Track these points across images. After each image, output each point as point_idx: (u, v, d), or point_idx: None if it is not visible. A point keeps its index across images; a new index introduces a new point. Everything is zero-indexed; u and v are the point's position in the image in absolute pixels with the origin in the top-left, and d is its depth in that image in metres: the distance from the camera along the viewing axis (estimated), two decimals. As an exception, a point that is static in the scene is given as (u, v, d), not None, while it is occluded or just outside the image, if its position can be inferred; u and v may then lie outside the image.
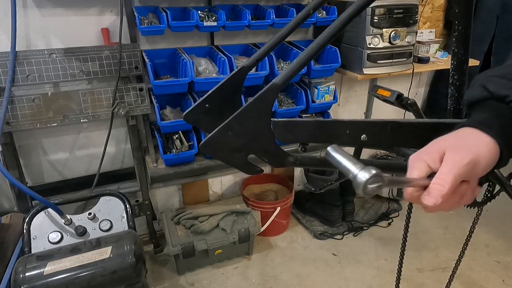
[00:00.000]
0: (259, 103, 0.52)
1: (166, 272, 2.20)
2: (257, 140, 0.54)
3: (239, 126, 0.52)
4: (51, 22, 1.75)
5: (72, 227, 1.61)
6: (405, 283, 2.13)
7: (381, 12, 2.00)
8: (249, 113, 0.52)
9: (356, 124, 0.57)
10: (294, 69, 0.53)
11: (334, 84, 2.20)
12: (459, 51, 0.69)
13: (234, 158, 0.56)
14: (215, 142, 0.53)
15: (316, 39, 0.53)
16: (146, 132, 2.05)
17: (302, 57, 0.53)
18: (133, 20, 1.79)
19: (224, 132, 0.52)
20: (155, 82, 1.74)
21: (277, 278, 2.17)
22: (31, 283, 1.33)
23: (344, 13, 0.53)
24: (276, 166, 0.59)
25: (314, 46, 0.53)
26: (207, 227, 2.13)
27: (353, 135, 0.57)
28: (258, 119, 0.53)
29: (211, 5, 1.98)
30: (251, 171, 0.60)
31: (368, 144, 0.59)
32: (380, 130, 0.59)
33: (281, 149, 0.56)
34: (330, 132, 0.57)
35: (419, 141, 0.59)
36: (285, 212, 2.46)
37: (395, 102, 0.97)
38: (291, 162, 0.58)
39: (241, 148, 0.54)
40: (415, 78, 2.87)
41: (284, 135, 0.56)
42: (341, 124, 0.57)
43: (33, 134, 1.93)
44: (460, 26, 0.66)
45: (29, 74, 1.66)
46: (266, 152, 0.56)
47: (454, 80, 0.73)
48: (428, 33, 2.67)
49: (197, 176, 2.25)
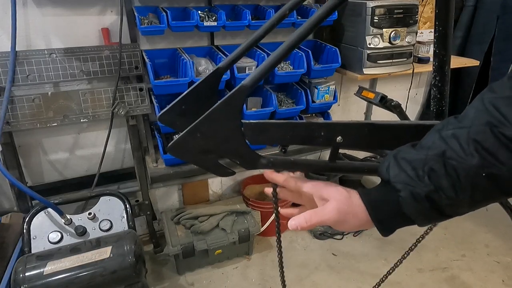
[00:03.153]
0: (228, 104, 0.51)
1: (166, 272, 2.20)
2: (226, 142, 0.53)
3: (208, 128, 0.51)
4: (51, 22, 1.75)
5: (72, 227, 1.61)
6: (405, 283, 2.13)
7: (381, 12, 2.00)
8: (218, 114, 0.51)
9: (331, 126, 0.57)
10: (264, 70, 0.52)
11: (334, 84, 2.20)
12: (440, 52, 0.68)
13: (204, 161, 0.55)
14: (183, 144, 0.52)
15: (286, 39, 0.53)
16: (146, 132, 2.05)
17: (271, 58, 0.52)
18: (133, 20, 1.79)
19: (192, 134, 0.51)
20: (155, 82, 1.74)
21: (277, 278, 2.16)
22: (31, 283, 1.33)
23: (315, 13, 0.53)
24: (248, 168, 0.57)
25: (284, 47, 0.52)
26: (207, 227, 2.13)
27: (328, 136, 0.56)
28: (227, 120, 0.52)
29: (211, 5, 1.98)
30: (222, 173, 0.59)
31: (344, 146, 0.58)
32: (357, 132, 0.58)
33: (253, 151, 0.55)
34: (304, 134, 0.56)
35: (397, 143, 0.58)
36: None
37: (379, 104, 0.97)
38: (263, 164, 0.57)
39: (211, 150, 0.53)
40: (415, 78, 2.87)
41: (256, 137, 0.54)
42: (315, 126, 0.56)
43: (33, 134, 1.93)
44: (440, 27, 0.66)
45: (29, 74, 1.66)
46: (237, 154, 0.55)
47: (436, 81, 0.72)
48: (428, 33, 2.67)
49: (197, 176, 2.24)
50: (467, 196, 0.50)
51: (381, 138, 0.59)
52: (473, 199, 0.50)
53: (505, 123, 0.47)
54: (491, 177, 0.48)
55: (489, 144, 0.47)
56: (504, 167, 0.47)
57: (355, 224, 0.57)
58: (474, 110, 0.51)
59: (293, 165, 0.61)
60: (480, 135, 0.48)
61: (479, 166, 0.48)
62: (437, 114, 0.74)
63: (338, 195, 0.58)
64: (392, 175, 0.54)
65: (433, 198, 0.51)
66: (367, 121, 0.59)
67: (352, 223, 0.57)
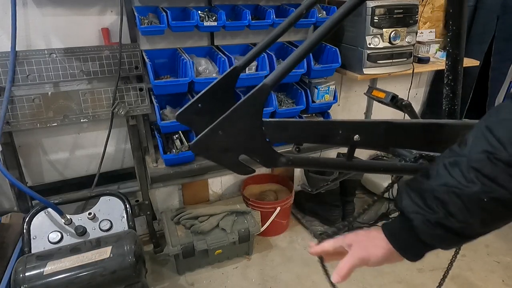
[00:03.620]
0: (250, 103, 0.51)
1: (166, 272, 2.20)
2: (248, 140, 0.53)
3: (229, 126, 0.51)
4: (51, 22, 1.75)
5: (72, 227, 1.61)
6: (405, 283, 2.13)
7: (381, 12, 1.99)
8: (240, 113, 0.51)
9: (348, 125, 0.57)
10: (285, 69, 0.52)
11: (334, 84, 2.20)
12: (454, 51, 0.69)
13: (225, 158, 0.55)
14: (205, 142, 0.52)
15: (307, 39, 0.53)
16: (146, 132, 2.05)
17: (293, 57, 0.53)
18: (133, 20, 1.79)
19: (214, 132, 0.51)
20: (155, 82, 1.74)
21: (277, 278, 2.17)
22: (31, 283, 1.33)
23: (336, 13, 0.53)
24: (268, 166, 0.58)
25: (305, 47, 0.53)
26: (207, 227, 2.13)
27: (345, 135, 0.57)
28: (249, 119, 0.52)
29: (211, 5, 1.98)
30: (243, 171, 0.60)
31: (361, 145, 0.59)
32: (373, 131, 0.58)
33: (273, 149, 0.56)
34: (322, 133, 0.56)
35: (412, 141, 0.58)
36: (285, 212, 2.46)
37: (389, 104, 0.97)
38: (283, 162, 0.57)
39: (232, 148, 0.53)
40: (415, 78, 2.87)
41: (276, 135, 0.55)
42: (333, 124, 0.56)
43: (33, 134, 1.93)
44: (454, 26, 0.66)
45: (29, 74, 1.66)
46: (257, 152, 0.55)
47: (449, 80, 0.72)
48: (428, 33, 2.67)
49: (197, 176, 2.25)
50: (477, 220, 0.53)
51: (396, 137, 0.60)
52: (484, 222, 0.53)
53: (500, 149, 0.49)
54: (495, 200, 0.50)
55: (487, 171, 0.50)
56: (506, 191, 0.49)
57: (381, 254, 0.63)
58: (472, 138, 0.54)
59: (311, 163, 0.62)
60: (478, 163, 0.51)
61: (481, 192, 0.50)
62: (449, 113, 0.74)
63: (355, 236, 0.66)
64: (404, 205, 0.59)
65: (444, 224, 0.54)
66: (383, 119, 0.59)
67: (377, 254, 0.63)
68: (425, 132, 0.60)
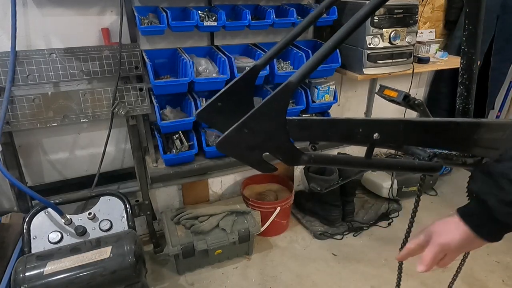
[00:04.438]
0: (275, 101, 0.52)
1: (166, 272, 2.20)
2: (272, 138, 0.53)
3: (254, 125, 0.51)
4: (51, 22, 1.75)
5: (72, 227, 1.61)
6: (405, 283, 2.13)
7: (381, 12, 2.00)
8: (265, 111, 0.51)
9: (368, 123, 0.57)
10: (310, 68, 0.53)
11: (334, 84, 2.20)
12: (469, 50, 0.69)
13: (249, 156, 0.55)
14: (231, 140, 0.52)
15: (332, 36, 0.53)
16: (146, 132, 2.05)
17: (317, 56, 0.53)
18: (133, 20, 1.79)
19: (240, 131, 0.51)
20: (155, 82, 1.74)
21: (277, 278, 2.17)
22: (31, 283, 1.33)
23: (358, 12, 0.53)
24: (291, 164, 0.58)
25: (330, 45, 0.53)
26: (207, 227, 2.13)
27: (365, 133, 0.57)
28: (274, 117, 0.52)
29: (211, 5, 1.98)
30: (266, 169, 0.60)
31: (380, 143, 0.59)
32: (392, 129, 0.58)
33: (296, 147, 0.56)
34: (343, 131, 0.56)
35: (429, 139, 0.59)
36: (285, 212, 2.46)
37: (402, 103, 0.97)
38: (305, 160, 0.57)
39: (257, 146, 0.53)
40: (415, 78, 2.87)
41: (299, 134, 0.55)
42: (354, 122, 0.56)
43: (33, 134, 1.93)
44: (470, 25, 0.66)
45: (29, 74, 1.66)
46: (281, 150, 0.55)
47: (463, 79, 0.73)
48: (428, 33, 2.67)
49: (197, 176, 2.25)
50: None
51: (414, 135, 0.60)
52: None
53: None
54: None
55: None
56: None
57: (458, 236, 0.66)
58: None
59: (332, 161, 0.62)
60: None
61: None
62: (463, 111, 0.75)
63: (433, 226, 0.70)
64: (478, 188, 0.63)
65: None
66: (401, 118, 0.59)
67: (455, 237, 0.66)
68: (442, 130, 0.60)
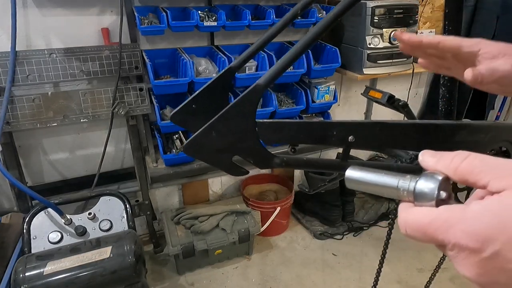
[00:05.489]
0: (243, 103, 0.51)
1: (166, 272, 2.20)
2: (241, 141, 0.53)
3: (223, 127, 0.51)
4: (51, 22, 1.75)
5: (72, 227, 1.61)
6: (405, 283, 2.14)
7: (381, 12, 2.00)
8: (233, 113, 0.51)
9: (343, 125, 0.57)
10: (279, 70, 0.52)
11: (334, 84, 2.20)
12: None
13: (218, 160, 0.55)
14: (198, 143, 0.52)
15: (301, 39, 0.53)
16: (146, 132, 2.05)
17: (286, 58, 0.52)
18: (133, 20, 1.79)
19: (207, 133, 0.51)
20: (155, 82, 1.74)
21: (277, 278, 2.17)
22: (31, 283, 1.33)
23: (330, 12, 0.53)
24: (262, 167, 0.58)
25: (298, 47, 0.52)
26: (207, 227, 2.13)
27: (340, 136, 0.56)
28: (243, 119, 0.52)
29: (211, 5, 1.98)
30: (236, 172, 0.59)
31: (356, 145, 0.59)
32: (369, 131, 0.58)
33: (266, 150, 0.56)
34: (317, 134, 0.56)
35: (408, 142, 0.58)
36: (285, 212, 2.46)
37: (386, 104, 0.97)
38: (277, 163, 0.57)
39: (226, 149, 0.53)
40: (415, 78, 2.86)
41: (269, 136, 0.55)
42: (327, 125, 0.56)
43: (33, 134, 1.93)
44: (450, 26, 0.66)
45: (29, 74, 1.66)
46: (251, 153, 0.55)
47: (445, 81, 0.72)
48: (428, 33, 2.67)
49: (197, 176, 2.25)
50: None
51: (392, 138, 0.60)
52: None
53: None
54: None
55: None
56: None
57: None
58: None
59: (306, 164, 0.61)
60: None
61: None
62: (446, 113, 0.74)
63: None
64: None
65: None
66: (378, 120, 0.59)
67: None
68: (421, 132, 0.60)
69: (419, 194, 0.31)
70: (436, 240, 0.29)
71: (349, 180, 0.38)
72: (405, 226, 0.32)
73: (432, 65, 0.61)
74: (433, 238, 0.29)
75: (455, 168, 0.31)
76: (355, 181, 0.37)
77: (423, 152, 0.35)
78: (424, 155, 0.34)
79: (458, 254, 0.28)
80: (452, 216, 0.28)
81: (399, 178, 0.32)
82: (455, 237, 0.28)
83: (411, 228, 0.31)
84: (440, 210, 0.29)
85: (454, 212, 0.29)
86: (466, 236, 0.27)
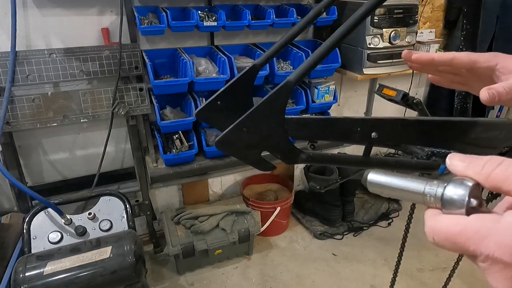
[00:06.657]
0: (273, 100, 0.53)
1: (166, 272, 2.20)
2: (271, 137, 0.54)
3: (253, 124, 0.52)
4: (51, 22, 1.75)
5: (72, 227, 1.61)
6: (405, 283, 2.14)
7: (381, 12, 2.00)
8: (263, 110, 0.52)
9: (366, 122, 0.58)
10: (308, 66, 0.53)
11: (334, 84, 2.20)
12: (467, 50, 0.69)
13: (248, 155, 0.56)
14: (229, 139, 0.53)
15: (330, 36, 0.54)
16: (146, 132, 2.05)
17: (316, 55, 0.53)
18: (133, 20, 1.79)
19: (238, 130, 0.52)
20: (155, 82, 1.74)
21: (277, 278, 2.17)
22: (31, 283, 1.33)
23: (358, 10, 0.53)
24: (289, 163, 0.59)
25: (328, 44, 0.53)
26: (207, 227, 2.13)
27: (364, 132, 0.57)
28: (272, 116, 0.53)
29: (211, 5, 1.98)
30: (265, 167, 0.60)
31: (377, 142, 0.59)
32: (391, 128, 0.59)
33: (294, 146, 0.57)
34: (342, 130, 0.57)
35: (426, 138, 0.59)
36: (285, 212, 2.46)
37: (400, 102, 0.97)
38: (303, 159, 0.58)
39: (255, 145, 0.54)
40: (415, 78, 2.87)
41: (297, 132, 0.56)
42: (352, 121, 0.57)
43: (33, 134, 1.93)
44: (468, 25, 0.67)
45: (29, 74, 1.66)
46: (279, 149, 0.56)
47: None
48: (428, 33, 2.67)
49: (197, 176, 2.25)
50: None
51: (412, 134, 0.60)
52: None
53: None
54: None
55: None
56: None
57: None
58: None
59: (331, 160, 0.62)
60: None
61: None
62: (461, 110, 0.75)
63: None
64: None
65: None
66: (399, 116, 0.60)
67: None
68: (439, 129, 0.61)
69: (448, 201, 0.30)
70: (467, 251, 0.29)
71: (371, 184, 0.37)
72: (432, 234, 0.31)
73: (444, 81, 0.60)
74: (463, 248, 0.29)
75: (487, 175, 0.29)
76: (378, 185, 0.36)
77: (451, 155, 0.34)
78: (452, 159, 0.33)
79: (491, 267, 0.27)
80: (485, 226, 0.27)
81: (426, 183, 0.31)
82: (488, 249, 0.27)
83: (439, 236, 0.30)
84: (471, 219, 0.28)
85: (486, 222, 0.28)
86: (500, 249, 0.26)
